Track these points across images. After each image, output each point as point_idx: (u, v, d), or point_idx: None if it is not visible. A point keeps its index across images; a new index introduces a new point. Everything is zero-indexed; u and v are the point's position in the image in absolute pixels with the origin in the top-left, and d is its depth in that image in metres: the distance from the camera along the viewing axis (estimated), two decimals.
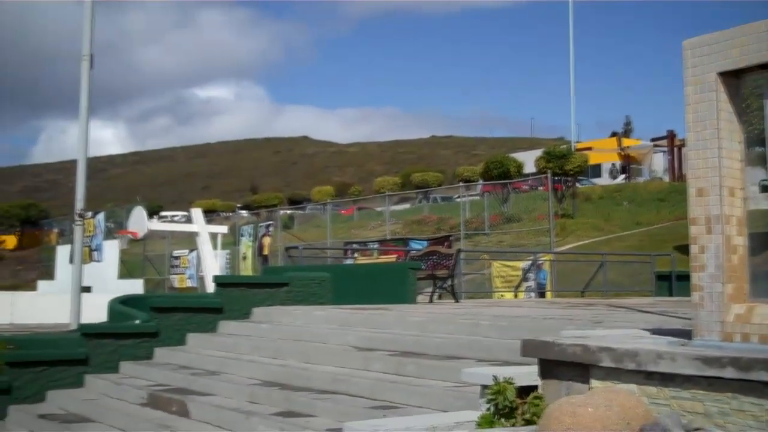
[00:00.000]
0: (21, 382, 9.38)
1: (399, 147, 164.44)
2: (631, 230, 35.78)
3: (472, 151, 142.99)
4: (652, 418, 3.97)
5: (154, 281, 42.51)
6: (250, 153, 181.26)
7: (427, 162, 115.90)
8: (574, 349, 4.59)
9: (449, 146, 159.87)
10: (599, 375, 4.50)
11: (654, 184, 49.65)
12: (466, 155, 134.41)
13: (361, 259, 22.63)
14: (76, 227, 18.82)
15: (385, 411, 6.09)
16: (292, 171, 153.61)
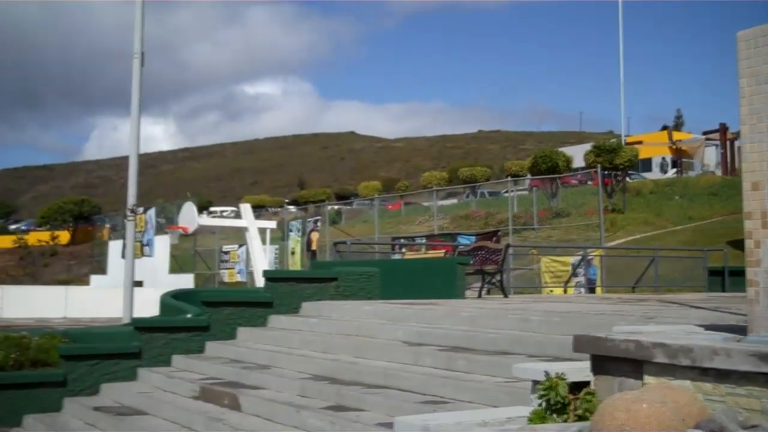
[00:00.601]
0: (76, 375, 9.53)
1: (446, 142, 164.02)
2: (683, 225, 35.27)
3: (519, 146, 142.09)
4: (707, 414, 3.92)
5: (204, 276, 42.99)
6: (297, 148, 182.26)
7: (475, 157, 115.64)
8: (627, 344, 4.55)
9: (497, 141, 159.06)
10: (653, 371, 4.44)
11: (706, 178, 48.85)
12: (513, 150, 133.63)
13: (409, 254, 22.61)
14: (128, 223, 19.11)
15: (435, 406, 6.09)
16: (340, 166, 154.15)
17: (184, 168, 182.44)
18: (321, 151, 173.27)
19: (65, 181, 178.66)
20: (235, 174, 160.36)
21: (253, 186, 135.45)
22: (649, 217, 37.46)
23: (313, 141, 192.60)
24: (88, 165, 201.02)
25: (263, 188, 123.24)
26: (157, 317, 11.28)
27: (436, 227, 36.93)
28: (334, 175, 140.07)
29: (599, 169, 30.73)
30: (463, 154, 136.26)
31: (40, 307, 35.11)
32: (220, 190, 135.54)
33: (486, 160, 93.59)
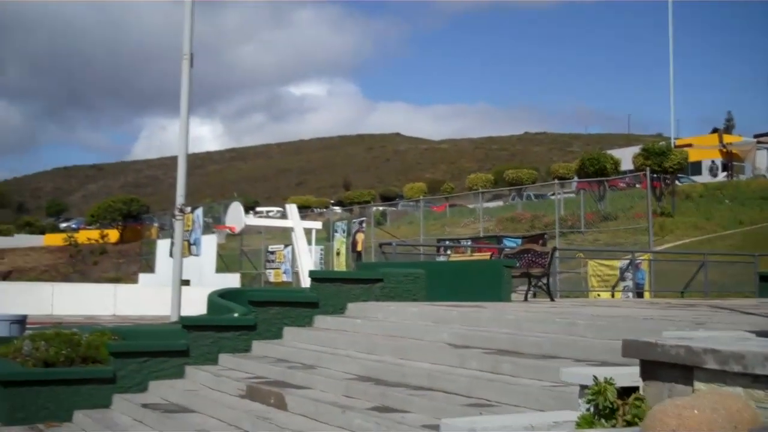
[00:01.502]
0: (125, 372, 9.65)
1: (492, 143, 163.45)
2: (733, 229, 34.73)
3: (566, 148, 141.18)
4: (760, 422, 3.86)
5: (250, 275, 43.32)
6: (343, 149, 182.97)
7: (521, 159, 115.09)
8: (677, 350, 4.49)
9: (543, 143, 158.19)
10: (703, 377, 4.38)
11: (757, 182, 48.05)
12: (560, 152, 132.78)
13: (455, 256, 22.59)
14: (177, 222, 19.31)
15: (481, 409, 6.07)
16: (385, 167, 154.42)
17: (230, 168, 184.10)
18: (366, 152, 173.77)
19: (114, 180, 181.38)
20: (281, 174, 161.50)
21: (299, 186, 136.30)
22: (698, 221, 36.98)
23: (359, 142, 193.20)
24: (137, 164, 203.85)
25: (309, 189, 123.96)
26: (205, 316, 11.39)
27: (482, 229, 36.82)
28: (379, 177, 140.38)
29: (648, 172, 30.42)
30: (509, 155, 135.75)
31: (89, 305, 35.66)
32: (265, 191, 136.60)
33: (532, 162, 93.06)
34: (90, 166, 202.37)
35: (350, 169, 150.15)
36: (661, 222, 34.66)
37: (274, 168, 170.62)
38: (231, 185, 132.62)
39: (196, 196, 78.99)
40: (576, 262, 24.28)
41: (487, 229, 37.21)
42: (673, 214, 38.01)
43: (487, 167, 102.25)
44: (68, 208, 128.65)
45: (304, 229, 32.15)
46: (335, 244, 37.04)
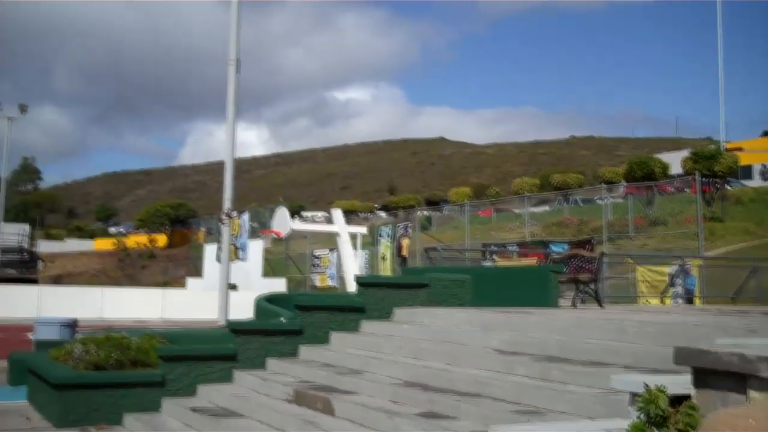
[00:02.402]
0: (174, 375, 9.75)
1: (537, 148, 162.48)
2: None
3: (613, 152, 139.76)
4: None
5: (296, 280, 43.57)
6: (387, 154, 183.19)
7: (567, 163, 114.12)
8: (731, 357, 4.41)
9: (589, 147, 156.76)
10: (758, 386, 4.30)
11: None
12: (607, 156, 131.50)
13: (501, 261, 22.47)
14: (224, 226, 19.50)
15: (529, 416, 6.02)
16: (429, 172, 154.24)
17: (276, 173, 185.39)
18: (411, 157, 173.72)
19: (162, 185, 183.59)
20: (326, 179, 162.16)
21: (344, 191, 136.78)
22: (749, 226, 36.33)
23: (403, 146, 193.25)
24: (184, 170, 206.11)
25: (354, 193, 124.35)
26: (252, 320, 11.46)
27: (528, 234, 36.62)
28: (424, 181, 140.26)
29: (698, 176, 29.96)
30: (555, 160, 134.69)
31: (138, 309, 36.16)
32: (311, 195, 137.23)
33: (578, 167, 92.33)
34: (138, 171, 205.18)
35: (395, 173, 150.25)
36: (711, 227, 34.11)
37: (319, 173, 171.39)
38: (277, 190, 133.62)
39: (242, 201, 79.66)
40: (624, 268, 24.00)
41: (533, 234, 36.99)
42: (723, 219, 37.40)
43: (532, 171, 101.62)
44: (117, 212, 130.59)
45: (350, 234, 32.17)
46: (380, 249, 37.11)
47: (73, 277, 62.80)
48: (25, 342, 19.52)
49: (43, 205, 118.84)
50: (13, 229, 60.33)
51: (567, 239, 28.23)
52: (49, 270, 63.22)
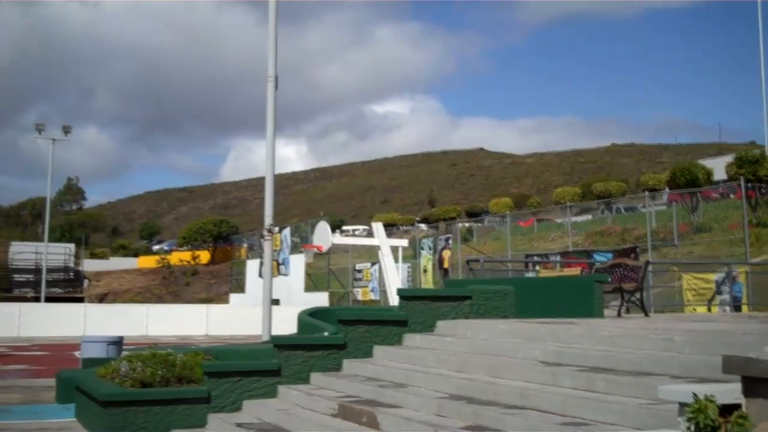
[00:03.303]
0: (218, 391, 9.79)
1: (578, 156, 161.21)
2: None
3: (655, 159, 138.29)
4: None
5: (338, 294, 43.64)
6: (427, 166, 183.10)
7: (608, 171, 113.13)
8: None
9: (631, 154, 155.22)
10: None
11: None
12: (649, 163, 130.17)
13: (544, 271, 22.31)
14: (265, 242, 19.62)
15: (576, 428, 5.96)
16: (469, 183, 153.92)
17: (315, 187, 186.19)
18: (450, 169, 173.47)
19: (204, 202, 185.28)
20: (366, 193, 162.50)
21: (384, 204, 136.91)
22: None
23: (442, 158, 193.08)
24: (225, 186, 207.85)
25: (393, 206, 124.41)
26: (296, 335, 11.50)
27: (571, 244, 36.35)
28: (464, 192, 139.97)
29: (742, 182, 29.51)
30: (596, 168, 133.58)
31: (182, 325, 36.51)
32: (351, 209, 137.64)
33: (620, 175, 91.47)
34: (180, 189, 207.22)
35: (435, 185, 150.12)
36: (757, 233, 33.54)
37: (358, 186, 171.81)
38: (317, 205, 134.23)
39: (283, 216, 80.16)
40: (670, 276, 23.73)
41: (576, 244, 36.71)
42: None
43: (573, 181, 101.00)
44: (160, 230, 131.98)
45: (391, 247, 32.23)
46: (422, 262, 37.05)
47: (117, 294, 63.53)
48: (72, 360, 19.79)
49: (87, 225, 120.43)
50: (58, 249, 61.29)
51: (610, 248, 27.95)
52: (94, 288, 64.05)
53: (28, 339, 32.12)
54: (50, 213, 55.17)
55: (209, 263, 70.21)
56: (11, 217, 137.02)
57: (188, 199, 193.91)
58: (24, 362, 21.05)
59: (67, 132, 52.85)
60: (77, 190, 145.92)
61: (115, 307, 44.63)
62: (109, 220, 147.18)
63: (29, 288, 56.62)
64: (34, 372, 17.87)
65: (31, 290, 55.71)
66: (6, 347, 26.51)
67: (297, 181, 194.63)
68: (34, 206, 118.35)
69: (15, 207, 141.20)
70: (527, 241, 44.72)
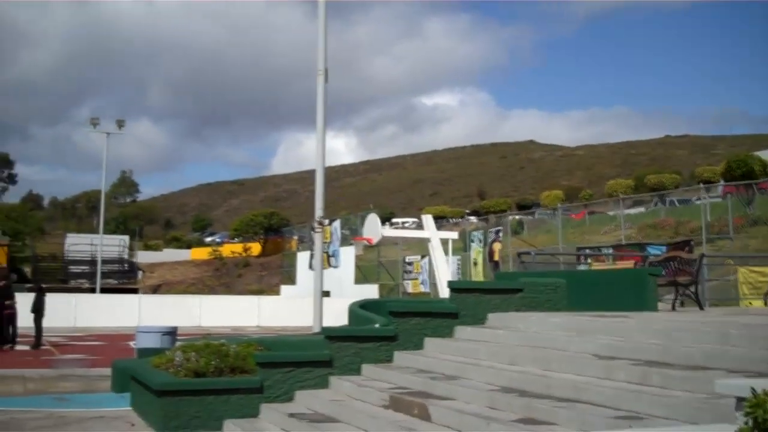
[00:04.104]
0: (271, 382, 9.88)
1: (630, 148, 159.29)
2: None
3: (710, 151, 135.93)
4: None
5: (388, 286, 43.71)
6: (476, 159, 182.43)
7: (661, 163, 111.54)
8: None
9: (685, 146, 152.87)
10: None
11: None
12: (703, 155, 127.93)
13: (596, 264, 22.08)
14: (316, 234, 19.73)
15: (630, 421, 5.91)
16: (519, 176, 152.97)
17: (365, 180, 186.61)
18: (500, 161, 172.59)
19: (255, 194, 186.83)
20: (415, 185, 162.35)
21: (433, 197, 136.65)
22: None
23: (492, 151, 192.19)
24: (276, 179, 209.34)
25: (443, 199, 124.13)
26: (347, 327, 11.55)
27: (623, 237, 35.91)
28: (514, 185, 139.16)
29: None
30: (649, 160, 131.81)
31: (235, 316, 36.91)
32: (400, 202, 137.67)
33: (674, 167, 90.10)
34: (231, 182, 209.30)
35: (484, 178, 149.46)
36: None
37: (408, 179, 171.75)
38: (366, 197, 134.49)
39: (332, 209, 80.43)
40: (725, 269, 23.29)
41: (628, 237, 36.22)
42: None
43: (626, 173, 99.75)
44: (212, 222, 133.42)
45: (441, 240, 32.14)
46: (472, 254, 36.91)
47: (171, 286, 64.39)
48: (127, 350, 20.13)
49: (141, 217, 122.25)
50: (113, 241, 62.34)
51: (664, 241, 27.56)
52: (148, 279, 65.01)
53: (84, 329, 32.71)
54: (105, 205, 56.04)
55: (260, 255, 70.75)
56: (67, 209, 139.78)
57: (239, 191, 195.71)
58: (80, 352, 21.45)
59: (121, 126, 53.61)
60: (131, 183, 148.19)
61: (168, 298, 45.23)
62: (162, 212, 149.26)
63: (85, 279, 57.65)
64: (91, 361, 18.21)
65: (86, 281, 56.71)
66: (63, 337, 27.03)
67: (346, 173, 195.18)
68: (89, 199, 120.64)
69: (71, 200, 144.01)
70: (579, 234, 44.29)
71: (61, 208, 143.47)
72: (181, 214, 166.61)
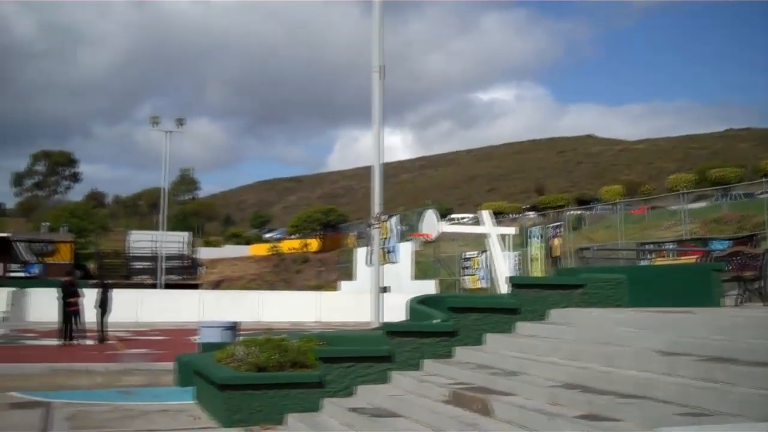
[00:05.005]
0: (332, 376, 9.95)
1: (692, 142, 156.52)
2: None
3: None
4: None
5: (446, 282, 43.66)
6: (533, 154, 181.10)
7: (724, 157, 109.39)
8: None
9: (748, 139, 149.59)
10: None
11: None
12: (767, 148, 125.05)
13: (658, 260, 21.77)
14: (374, 230, 19.82)
15: (695, 418, 5.83)
16: (578, 171, 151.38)
17: (422, 176, 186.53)
18: (558, 156, 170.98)
19: (312, 191, 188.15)
20: (472, 181, 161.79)
21: (490, 192, 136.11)
22: None
23: (550, 145, 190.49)
24: (332, 176, 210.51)
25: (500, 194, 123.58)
26: (407, 322, 11.56)
27: (685, 232, 35.33)
28: (572, 180, 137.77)
29: None
30: (710, 154, 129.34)
31: (294, 311, 37.27)
32: (457, 198, 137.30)
33: (737, 160, 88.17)
34: (289, 179, 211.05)
35: (542, 173, 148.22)
36: None
37: (464, 175, 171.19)
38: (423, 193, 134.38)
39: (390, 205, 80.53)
40: None
41: (691, 232, 35.64)
42: None
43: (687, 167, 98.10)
44: (270, 219, 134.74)
45: (499, 235, 32.03)
46: (531, 250, 36.69)
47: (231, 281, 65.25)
48: (190, 344, 20.45)
49: (201, 214, 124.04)
50: (174, 237, 63.36)
51: (727, 236, 27.06)
52: (209, 275, 65.97)
53: (147, 324, 33.33)
54: (166, 202, 56.97)
55: (318, 251, 71.26)
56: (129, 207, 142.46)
57: (296, 188, 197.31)
58: (144, 346, 21.88)
59: (180, 124, 54.49)
60: (191, 181, 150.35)
61: (229, 293, 45.91)
62: (221, 209, 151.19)
63: (147, 275, 58.72)
64: (154, 356, 18.57)
65: (148, 277, 57.76)
66: (127, 332, 27.59)
67: (403, 169, 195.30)
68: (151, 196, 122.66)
69: (133, 197, 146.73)
70: (639, 230, 43.72)
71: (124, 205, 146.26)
72: (239, 210, 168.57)
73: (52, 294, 23.49)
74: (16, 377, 14.10)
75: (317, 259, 68.72)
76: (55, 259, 55.53)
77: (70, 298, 22.45)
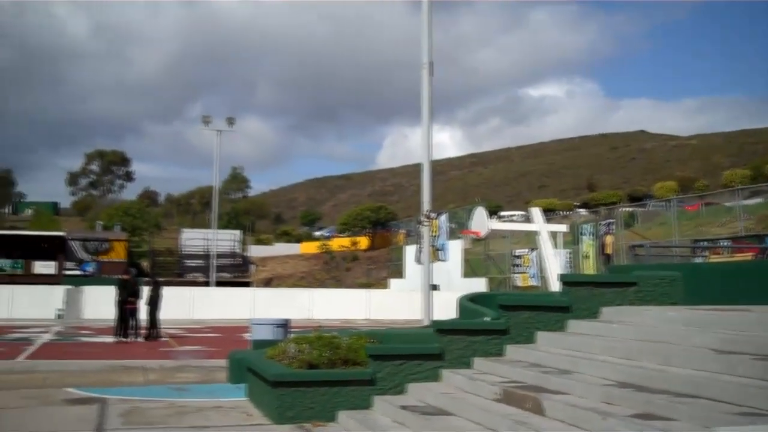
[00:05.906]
0: (383, 374, 9.96)
1: (747, 137, 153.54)
2: None
3: None
4: None
5: (496, 280, 43.45)
6: (585, 150, 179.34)
7: None
8: None
9: None
10: None
11: None
12: None
13: (713, 257, 21.42)
14: (423, 228, 19.79)
15: (752, 418, 5.73)
16: (630, 167, 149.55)
17: (471, 173, 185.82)
18: (609, 152, 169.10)
19: (362, 189, 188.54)
20: (522, 178, 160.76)
21: (541, 189, 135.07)
22: None
23: (601, 141, 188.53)
24: (382, 173, 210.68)
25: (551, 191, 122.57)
26: (457, 320, 11.53)
27: (741, 229, 34.69)
28: (624, 176, 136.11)
29: None
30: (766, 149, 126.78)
31: (344, 309, 37.40)
32: (507, 195, 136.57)
33: None
34: (338, 177, 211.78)
35: (593, 169, 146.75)
36: None
37: (514, 172, 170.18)
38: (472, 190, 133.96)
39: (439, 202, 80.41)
40: None
41: (747, 228, 34.97)
42: None
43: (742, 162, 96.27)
44: (320, 217, 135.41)
45: (550, 233, 31.77)
46: (583, 247, 36.32)
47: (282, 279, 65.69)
48: (242, 341, 20.64)
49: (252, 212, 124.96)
50: (226, 236, 63.96)
51: None
52: (259, 273, 66.48)
53: (200, 321, 33.71)
54: (218, 201, 57.56)
55: (368, 249, 71.39)
56: (181, 205, 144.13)
57: (346, 186, 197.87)
58: (197, 343, 22.12)
59: (231, 123, 54.93)
60: (242, 179, 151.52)
61: (280, 291, 46.22)
62: (272, 207, 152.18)
63: (199, 273, 59.38)
64: (207, 353, 18.76)
65: (201, 275, 58.41)
66: (181, 329, 27.93)
67: (452, 167, 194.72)
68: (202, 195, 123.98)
69: (185, 196, 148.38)
70: (693, 226, 43.05)
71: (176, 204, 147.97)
72: (290, 208, 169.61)
73: (109, 292, 23.86)
74: (72, 374, 14.35)
75: (367, 257, 68.85)
76: (110, 258, 56.39)
77: (131, 297, 22.77)
